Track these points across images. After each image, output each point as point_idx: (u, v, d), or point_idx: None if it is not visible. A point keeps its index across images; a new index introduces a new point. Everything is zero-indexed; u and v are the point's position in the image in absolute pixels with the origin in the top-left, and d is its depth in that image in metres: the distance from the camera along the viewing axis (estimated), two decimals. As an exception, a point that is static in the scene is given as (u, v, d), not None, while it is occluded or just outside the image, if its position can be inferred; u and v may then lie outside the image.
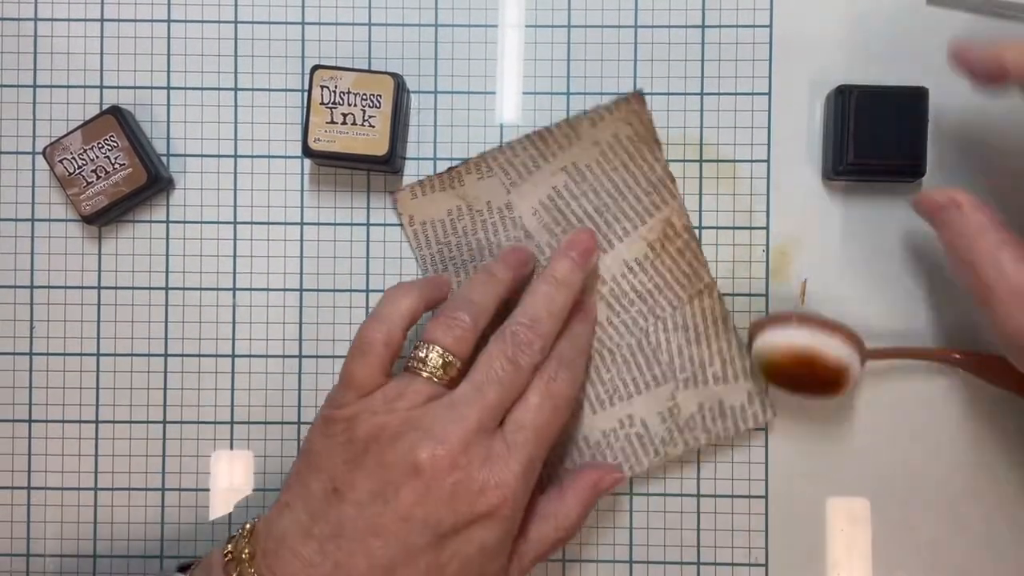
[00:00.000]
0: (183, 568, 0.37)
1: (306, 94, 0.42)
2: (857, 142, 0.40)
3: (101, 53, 0.44)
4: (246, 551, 0.34)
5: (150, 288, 0.44)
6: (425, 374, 0.36)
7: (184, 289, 0.43)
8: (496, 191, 0.42)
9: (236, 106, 0.44)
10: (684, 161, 0.43)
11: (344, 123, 0.40)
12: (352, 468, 0.34)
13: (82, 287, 0.44)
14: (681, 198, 0.42)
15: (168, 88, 0.44)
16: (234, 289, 0.43)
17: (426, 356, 0.36)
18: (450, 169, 0.42)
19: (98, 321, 0.44)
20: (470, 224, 0.42)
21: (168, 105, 0.44)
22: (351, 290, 0.43)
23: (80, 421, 0.43)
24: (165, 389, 0.43)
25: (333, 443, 0.35)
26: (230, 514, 0.43)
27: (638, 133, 0.42)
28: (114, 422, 0.43)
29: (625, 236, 0.42)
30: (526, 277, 0.41)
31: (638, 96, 0.42)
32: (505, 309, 0.38)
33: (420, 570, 0.33)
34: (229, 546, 0.35)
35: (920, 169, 0.41)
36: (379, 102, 0.40)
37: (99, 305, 0.44)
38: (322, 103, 0.40)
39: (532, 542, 0.37)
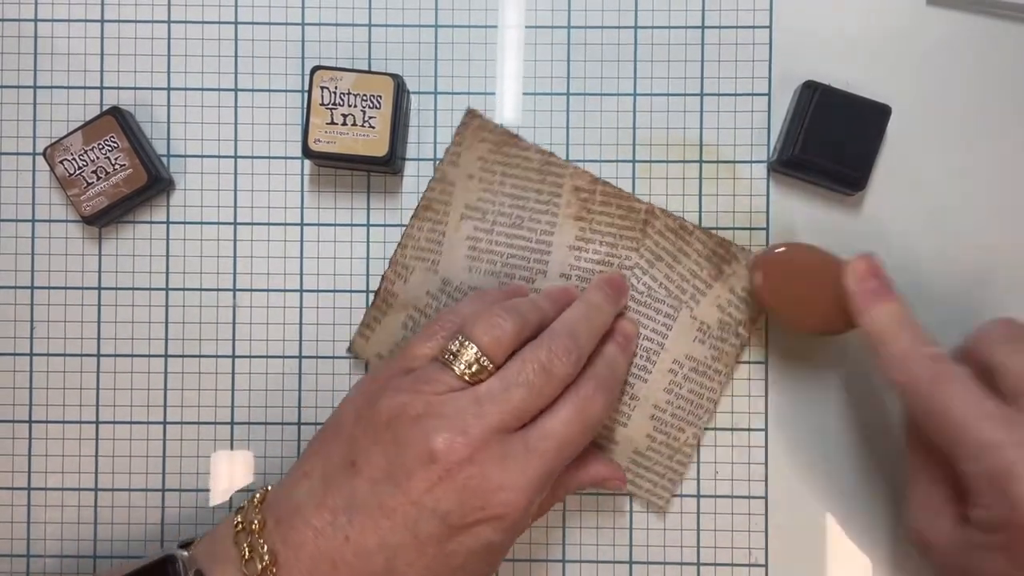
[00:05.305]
0: (185, 545, 0.36)
1: (306, 95, 0.42)
2: (807, 137, 0.40)
3: (101, 54, 0.44)
4: (256, 521, 0.34)
5: (150, 289, 0.44)
6: (456, 369, 0.35)
7: (184, 290, 0.44)
8: (427, 279, 0.42)
9: (236, 107, 0.44)
10: (684, 161, 0.43)
11: (344, 124, 0.40)
12: (371, 442, 0.34)
13: (82, 288, 0.44)
14: (569, 163, 0.43)
15: (168, 89, 0.44)
16: (234, 289, 0.44)
17: (459, 351, 0.35)
18: (376, 293, 0.43)
19: (98, 321, 0.44)
20: (427, 321, 0.42)
21: (168, 106, 0.44)
22: (351, 290, 0.43)
23: (80, 421, 0.43)
24: (165, 389, 0.43)
25: (359, 414, 0.35)
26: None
27: (495, 142, 0.43)
28: (114, 422, 0.43)
29: (553, 227, 0.42)
30: None
31: (471, 112, 0.43)
32: None
33: (427, 556, 0.33)
34: (238, 517, 0.35)
35: (860, 183, 0.41)
36: (379, 103, 0.40)
37: (99, 305, 0.44)
38: (322, 104, 0.40)
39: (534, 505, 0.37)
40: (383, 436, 0.34)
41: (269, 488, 0.36)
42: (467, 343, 0.35)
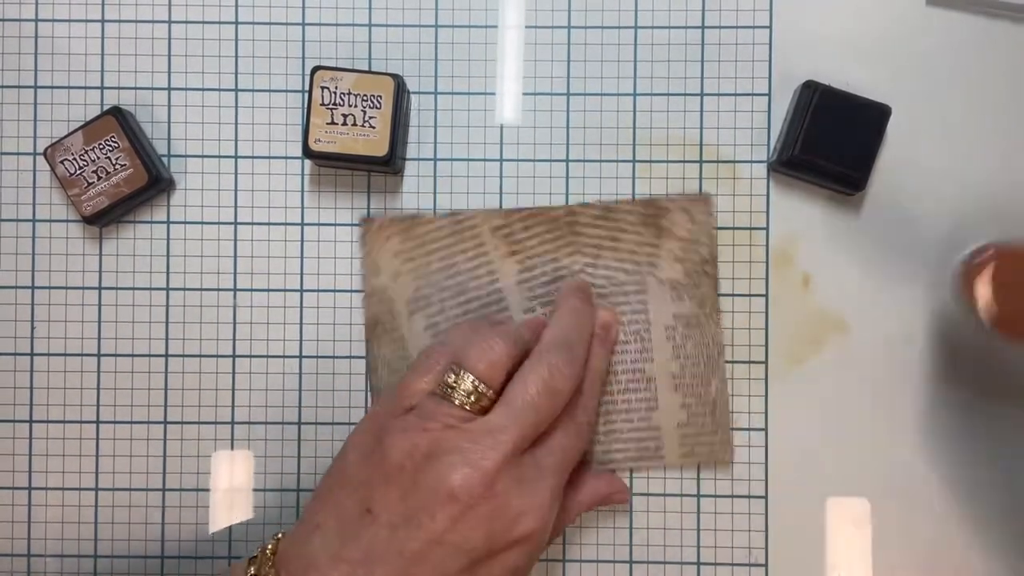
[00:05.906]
0: None
1: (306, 95, 0.42)
2: (807, 137, 0.40)
3: (102, 53, 0.44)
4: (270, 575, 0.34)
5: (150, 288, 0.44)
6: (455, 400, 0.35)
7: (184, 289, 0.44)
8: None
9: (236, 107, 0.44)
10: (684, 161, 0.43)
11: (344, 124, 0.40)
12: (386, 487, 0.33)
13: (83, 287, 0.44)
14: (476, 211, 0.43)
15: (168, 89, 0.44)
16: (234, 289, 0.44)
17: (455, 382, 0.35)
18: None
19: (98, 321, 0.44)
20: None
21: (168, 106, 0.44)
22: (351, 290, 0.43)
23: (80, 421, 0.43)
24: (165, 389, 0.43)
25: (366, 459, 0.34)
26: (230, 525, 0.43)
27: (401, 230, 0.43)
28: (114, 422, 0.43)
29: (494, 274, 0.43)
30: None
31: (364, 220, 0.43)
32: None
33: None
34: (252, 568, 0.34)
35: (860, 183, 0.41)
36: (379, 103, 0.40)
37: (100, 305, 0.44)
38: (322, 104, 0.40)
39: None
40: (397, 479, 0.33)
41: (280, 536, 0.35)
42: (463, 373, 0.35)
